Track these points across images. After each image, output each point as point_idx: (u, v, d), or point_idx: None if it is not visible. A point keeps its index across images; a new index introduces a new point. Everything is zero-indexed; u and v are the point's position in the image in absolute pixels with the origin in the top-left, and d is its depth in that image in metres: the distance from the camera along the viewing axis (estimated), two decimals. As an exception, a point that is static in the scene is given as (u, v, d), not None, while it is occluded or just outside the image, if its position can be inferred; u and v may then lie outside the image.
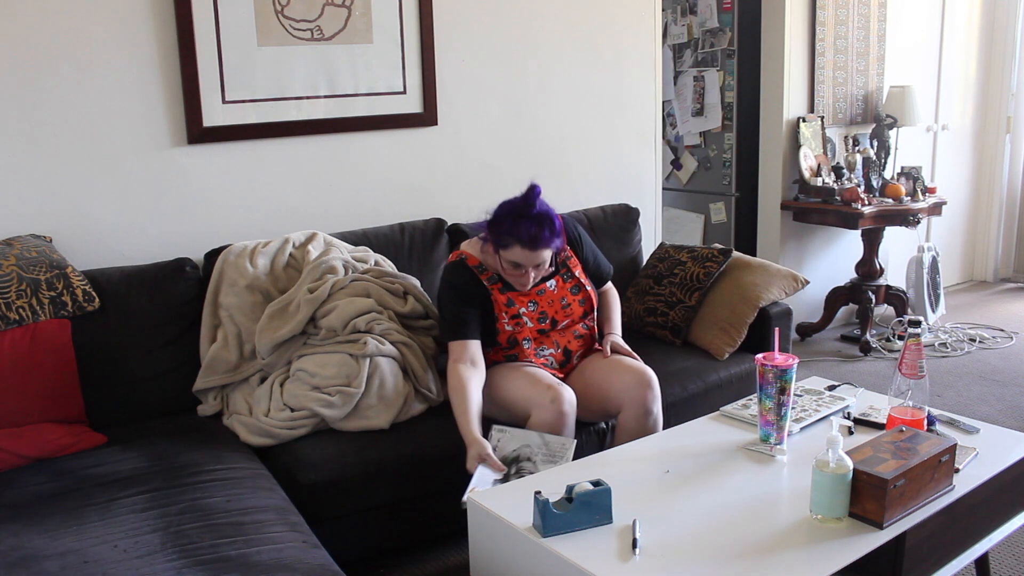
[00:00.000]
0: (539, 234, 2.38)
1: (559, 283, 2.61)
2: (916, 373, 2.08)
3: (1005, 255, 5.71)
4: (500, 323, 2.55)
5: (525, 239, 2.37)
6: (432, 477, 2.42)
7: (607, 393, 2.53)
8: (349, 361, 2.49)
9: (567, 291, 2.62)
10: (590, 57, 3.63)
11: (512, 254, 2.41)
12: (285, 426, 2.41)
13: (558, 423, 2.34)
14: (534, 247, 2.39)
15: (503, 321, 2.55)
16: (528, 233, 2.37)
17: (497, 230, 2.42)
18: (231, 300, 2.62)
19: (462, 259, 2.58)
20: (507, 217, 2.41)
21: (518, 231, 2.37)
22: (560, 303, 2.61)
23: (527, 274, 2.46)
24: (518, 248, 2.39)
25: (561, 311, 2.61)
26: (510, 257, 2.42)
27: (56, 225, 2.64)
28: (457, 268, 2.57)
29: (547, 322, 2.60)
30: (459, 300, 2.51)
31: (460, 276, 2.55)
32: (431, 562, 2.54)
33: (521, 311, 2.55)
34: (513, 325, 2.55)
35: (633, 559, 1.66)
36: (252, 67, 2.86)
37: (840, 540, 1.72)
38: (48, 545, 1.82)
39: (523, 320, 2.56)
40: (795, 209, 4.47)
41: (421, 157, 3.29)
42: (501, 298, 2.54)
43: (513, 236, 2.38)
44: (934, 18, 5.12)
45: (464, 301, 2.51)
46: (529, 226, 2.37)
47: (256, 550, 1.79)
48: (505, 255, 2.43)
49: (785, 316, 3.13)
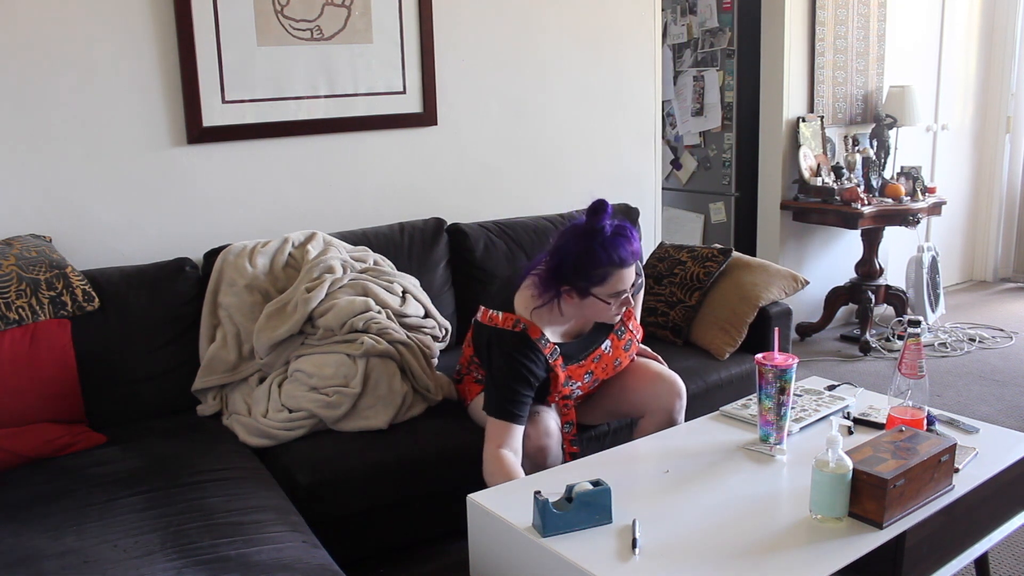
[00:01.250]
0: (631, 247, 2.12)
1: (613, 342, 2.41)
2: (916, 373, 2.08)
3: (1005, 255, 5.71)
4: (551, 397, 2.35)
5: (626, 261, 2.12)
6: (431, 477, 2.42)
7: (633, 399, 2.48)
8: (347, 361, 2.49)
9: (620, 350, 2.43)
10: (590, 57, 3.63)
11: (613, 284, 2.13)
12: (283, 427, 2.41)
13: (539, 456, 2.27)
14: (628, 264, 2.13)
15: (554, 395, 2.34)
16: (624, 252, 2.11)
17: (581, 270, 2.12)
18: (230, 300, 2.62)
19: (524, 330, 2.23)
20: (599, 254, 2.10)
21: (612, 257, 2.10)
22: (612, 364, 2.43)
23: (628, 298, 2.19)
24: (617, 275, 2.12)
25: (611, 370, 2.44)
26: (612, 289, 2.14)
27: (56, 225, 2.64)
28: (523, 343, 2.22)
29: (596, 387, 2.47)
30: (525, 381, 2.22)
31: (528, 353, 2.22)
32: (431, 562, 2.54)
33: (575, 386, 2.36)
34: (562, 405, 2.39)
35: (633, 559, 1.66)
36: (252, 67, 2.86)
37: (840, 540, 1.72)
38: (48, 545, 1.82)
39: (574, 393, 2.39)
40: (795, 209, 4.47)
41: (421, 157, 3.29)
42: (562, 376, 2.30)
43: (611, 265, 2.10)
44: (934, 18, 5.12)
45: (530, 384, 2.23)
46: (619, 243, 2.10)
47: (256, 550, 1.79)
48: (604, 291, 2.14)
49: (785, 316, 3.13)
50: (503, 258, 3.14)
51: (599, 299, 2.16)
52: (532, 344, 2.23)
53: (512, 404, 2.20)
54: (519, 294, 2.28)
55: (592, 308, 2.20)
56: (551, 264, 2.18)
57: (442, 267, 3.10)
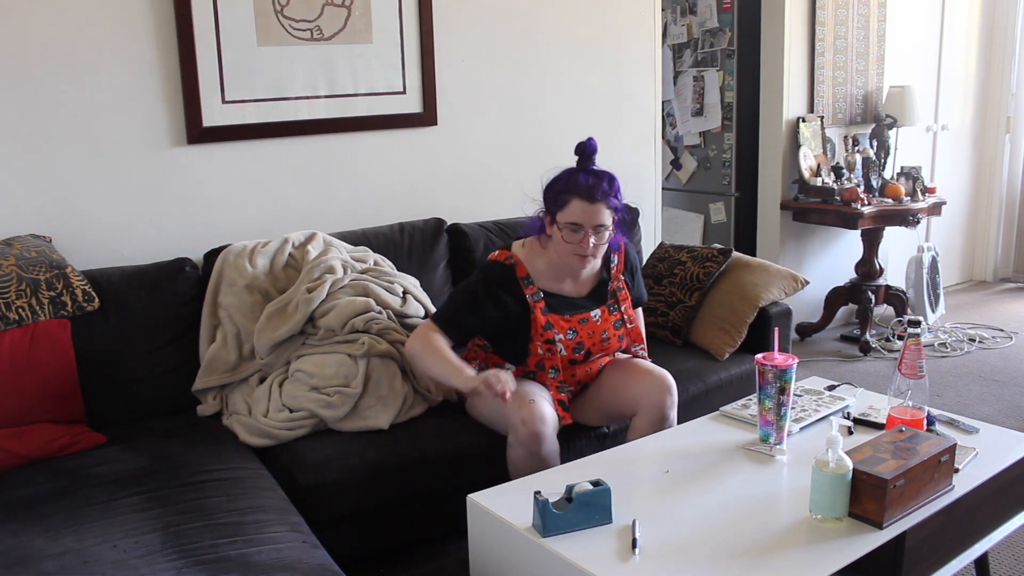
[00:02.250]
0: (597, 184, 2.27)
1: (604, 314, 2.47)
2: (916, 373, 2.08)
3: (1005, 255, 5.71)
4: (533, 344, 2.39)
5: (583, 189, 2.26)
6: (432, 477, 2.42)
7: (624, 397, 2.46)
8: (347, 361, 2.49)
9: (610, 324, 2.48)
10: (590, 57, 3.63)
11: (570, 212, 2.28)
12: (284, 427, 2.41)
13: (533, 442, 2.26)
14: (592, 198, 2.26)
15: (536, 343, 2.39)
16: (586, 182, 2.26)
17: (552, 192, 2.33)
18: (230, 300, 2.62)
19: (511, 263, 2.40)
20: (562, 176, 2.32)
21: (575, 182, 2.27)
22: (600, 336, 2.46)
23: (586, 239, 2.28)
24: (575, 202, 2.27)
25: (599, 344, 2.47)
26: (567, 217, 2.28)
27: (56, 225, 2.64)
28: (503, 271, 2.40)
29: (581, 353, 2.45)
30: (479, 302, 2.37)
31: (502, 279, 2.39)
32: (431, 562, 2.54)
33: (557, 337, 2.40)
34: (545, 351, 2.40)
35: (633, 559, 1.66)
36: (252, 67, 2.86)
37: (840, 540, 1.72)
38: (48, 545, 1.82)
39: (557, 348, 2.40)
40: (795, 209, 4.47)
41: (421, 157, 3.29)
42: (541, 319, 2.38)
43: (570, 190, 2.27)
44: (934, 18, 5.12)
45: (483, 308, 2.37)
46: (586, 176, 2.28)
47: (256, 550, 1.79)
48: (562, 217, 2.29)
49: (785, 316, 3.13)
50: (503, 258, 3.14)
51: (559, 228, 2.30)
52: (513, 278, 2.38)
53: (456, 319, 2.37)
54: (522, 241, 2.47)
55: (556, 242, 2.33)
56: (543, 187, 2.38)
57: (442, 267, 3.10)
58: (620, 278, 2.52)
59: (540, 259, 2.41)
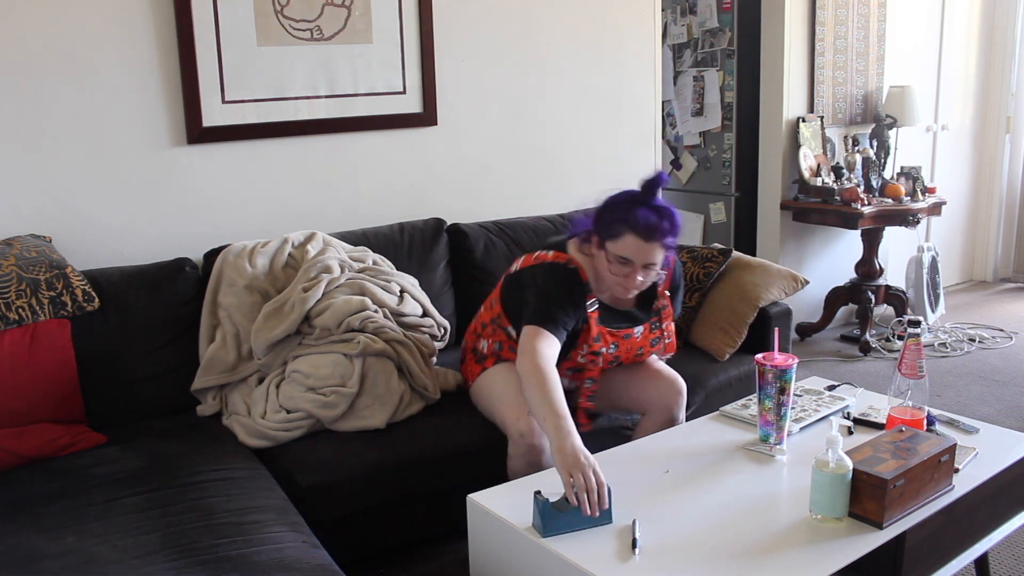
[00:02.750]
0: (657, 224, 2.10)
1: (645, 331, 2.39)
2: (916, 373, 2.08)
3: (1005, 255, 5.71)
4: (575, 352, 2.32)
5: (641, 227, 2.10)
6: (430, 476, 2.42)
7: (636, 396, 2.49)
8: (343, 361, 2.49)
9: (648, 342, 2.41)
10: (590, 57, 3.63)
11: (622, 246, 2.13)
12: (281, 428, 2.41)
13: (532, 454, 2.25)
14: (649, 238, 2.11)
15: (579, 351, 2.32)
16: (646, 221, 2.10)
17: (608, 218, 2.16)
18: (230, 300, 2.62)
19: (574, 268, 2.26)
20: (621, 204, 2.15)
21: (633, 218, 2.10)
22: (636, 351, 2.40)
23: (633, 275, 2.16)
24: (631, 238, 2.11)
25: (632, 357, 2.42)
26: (619, 251, 2.14)
27: (56, 225, 2.64)
28: (569, 274, 2.25)
29: (614, 364, 2.41)
30: (566, 303, 2.21)
31: (574, 285, 2.24)
32: (431, 562, 2.54)
33: (601, 351, 2.31)
34: (589, 360, 2.33)
35: (633, 559, 1.66)
36: (252, 67, 2.86)
37: (840, 540, 1.72)
38: (48, 545, 1.82)
39: (598, 360, 2.33)
40: (795, 209, 4.47)
41: (421, 157, 3.29)
42: (594, 330, 2.29)
43: (627, 224, 2.11)
44: (934, 18, 5.12)
45: (570, 308, 2.22)
46: (647, 213, 2.11)
47: (256, 550, 1.79)
48: (613, 248, 2.15)
49: (785, 316, 3.13)
50: (503, 258, 3.14)
51: (608, 257, 2.16)
52: (578, 283, 2.24)
53: (557, 318, 2.17)
54: (571, 242, 2.32)
55: (601, 265, 2.20)
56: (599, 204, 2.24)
57: (442, 267, 3.10)
58: (665, 295, 2.41)
59: (590, 267, 2.29)
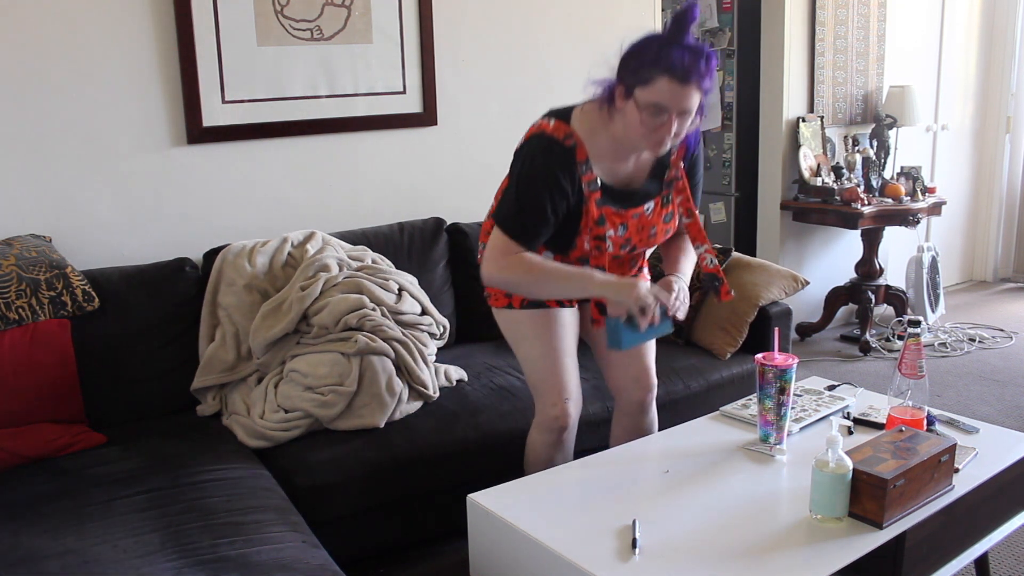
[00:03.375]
0: (694, 64, 1.86)
1: (656, 207, 2.14)
2: (916, 373, 2.08)
3: (1005, 255, 5.71)
4: (580, 238, 2.08)
5: (676, 69, 1.85)
6: (429, 475, 2.42)
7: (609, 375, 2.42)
8: (341, 360, 2.49)
9: (660, 219, 2.16)
10: (590, 57, 3.62)
11: (655, 92, 1.88)
12: (279, 428, 2.41)
13: (557, 437, 2.25)
14: (686, 80, 1.86)
15: (584, 238, 2.08)
16: (681, 62, 1.85)
17: (635, 63, 1.90)
18: (229, 300, 2.62)
19: (572, 145, 2.00)
20: (651, 46, 1.89)
21: (667, 59, 1.85)
22: (648, 231, 2.15)
23: (668, 124, 1.91)
24: (664, 82, 1.86)
25: (645, 239, 2.16)
26: (651, 97, 1.88)
27: (56, 225, 2.64)
28: (564, 154, 1.99)
29: (627, 249, 2.15)
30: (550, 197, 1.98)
31: (564, 165, 1.99)
32: (431, 562, 2.54)
33: (608, 234, 2.08)
34: (593, 248, 2.09)
35: (633, 559, 1.66)
36: (252, 67, 2.86)
37: (840, 540, 1.72)
38: (48, 545, 1.82)
39: (606, 245, 2.09)
40: (795, 209, 4.47)
41: (421, 157, 3.29)
42: (594, 212, 2.04)
43: (659, 67, 1.86)
44: (934, 18, 5.12)
45: (555, 201, 1.99)
46: (681, 53, 1.86)
47: (256, 550, 1.79)
48: (644, 96, 1.89)
49: (785, 316, 3.13)
50: (503, 258, 3.14)
51: (637, 106, 1.91)
52: (572, 162, 2.00)
53: (532, 227, 2.00)
54: (581, 108, 2.06)
55: (629, 119, 1.94)
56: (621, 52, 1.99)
57: (442, 267, 3.10)
58: (679, 166, 2.15)
59: (602, 135, 2.03)
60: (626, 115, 1.95)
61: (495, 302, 2.28)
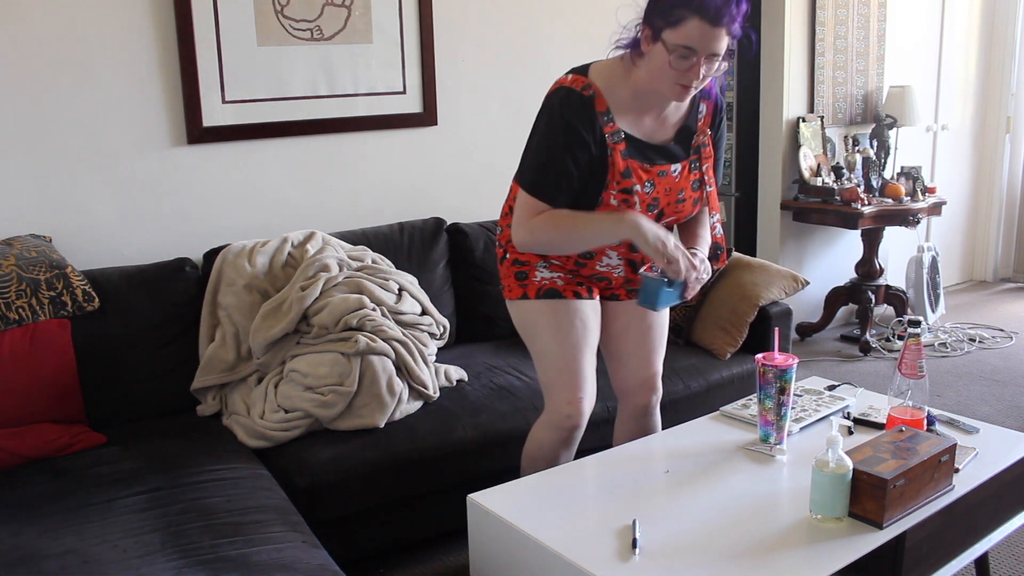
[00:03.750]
0: (725, 5, 1.81)
1: (684, 171, 2.08)
2: (916, 373, 2.08)
3: (1005, 255, 5.71)
4: (606, 193, 2.01)
5: (709, 7, 1.80)
6: (429, 475, 2.42)
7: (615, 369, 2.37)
8: (341, 360, 2.49)
9: (689, 184, 2.09)
10: (590, 57, 3.62)
11: (685, 33, 1.82)
12: (279, 428, 2.41)
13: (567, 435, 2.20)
14: (717, 21, 1.81)
15: (610, 192, 2.01)
16: (713, 2, 1.80)
17: (665, 3, 1.85)
18: (229, 300, 2.62)
19: (591, 95, 1.95)
20: None
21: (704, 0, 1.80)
22: (676, 195, 2.08)
23: (696, 68, 1.86)
24: (695, 21, 1.81)
25: (674, 204, 2.08)
26: (680, 39, 1.83)
27: (56, 225, 2.64)
28: (582, 103, 1.95)
29: (655, 212, 2.08)
30: (570, 149, 1.93)
31: (583, 115, 1.94)
32: (431, 562, 2.54)
33: (635, 188, 2.01)
34: (620, 201, 2.01)
35: (633, 559, 1.66)
36: (252, 67, 2.86)
37: (840, 540, 1.72)
38: (48, 545, 1.82)
39: (633, 200, 2.01)
40: (795, 209, 4.47)
41: (421, 157, 3.29)
42: (620, 163, 1.98)
43: (690, 7, 1.81)
44: (934, 18, 5.12)
45: (575, 154, 1.93)
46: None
47: (256, 550, 1.79)
48: (673, 37, 1.84)
49: (785, 316, 3.13)
50: (503, 258, 3.14)
51: (666, 48, 1.85)
52: (592, 113, 1.95)
53: (556, 180, 1.94)
54: (600, 62, 2.02)
55: (655, 63, 1.89)
56: None
57: (442, 267, 3.10)
58: (707, 131, 2.12)
59: (623, 86, 1.99)
60: (652, 59, 1.90)
61: (509, 293, 2.22)
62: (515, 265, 2.19)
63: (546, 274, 2.16)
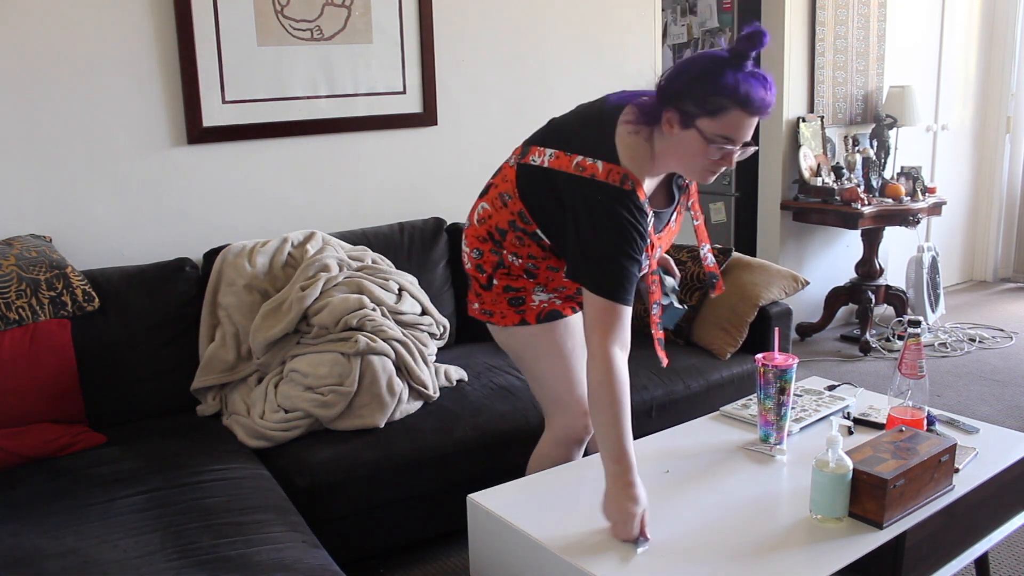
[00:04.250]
0: (765, 97, 1.71)
1: (677, 215, 2.04)
2: (916, 373, 2.08)
3: (1005, 255, 5.71)
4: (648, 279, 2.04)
5: (754, 102, 1.69)
6: (429, 475, 2.42)
7: None
8: (341, 360, 2.49)
9: (679, 224, 2.08)
10: (590, 57, 3.63)
11: (727, 123, 1.71)
12: (279, 428, 2.41)
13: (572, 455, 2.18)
14: (761, 113, 1.73)
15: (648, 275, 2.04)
16: (759, 95, 1.69)
17: (701, 90, 1.71)
18: (229, 300, 2.62)
19: (633, 188, 1.80)
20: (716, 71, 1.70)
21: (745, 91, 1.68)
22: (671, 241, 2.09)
23: (731, 156, 1.76)
24: (738, 113, 1.70)
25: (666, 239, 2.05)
26: (722, 130, 1.72)
27: (56, 225, 2.64)
28: (632, 200, 1.79)
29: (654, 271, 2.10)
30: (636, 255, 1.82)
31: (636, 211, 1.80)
32: (431, 562, 2.54)
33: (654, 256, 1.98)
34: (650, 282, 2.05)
35: (633, 559, 1.66)
36: (252, 67, 2.86)
37: (840, 540, 1.72)
38: (48, 545, 1.82)
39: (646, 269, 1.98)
40: (795, 209, 4.47)
41: (421, 157, 3.29)
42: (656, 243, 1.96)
43: (733, 97, 1.68)
44: (934, 18, 5.12)
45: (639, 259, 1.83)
46: (758, 85, 1.69)
47: (256, 550, 1.79)
48: (712, 127, 1.72)
49: (785, 316, 3.13)
50: (503, 258, 3.14)
51: (702, 135, 1.73)
52: (641, 206, 1.81)
53: (626, 280, 1.81)
54: (621, 138, 1.83)
55: (685, 148, 1.78)
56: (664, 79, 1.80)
57: (442, 267, 3.10)
58: None
59: (646, 163, 1.85)
60: (683, 143, 1.78)
61: (502, 320, 2.09)
62: (507, 292, 2.07)
63: (543, 296, 2.07)
